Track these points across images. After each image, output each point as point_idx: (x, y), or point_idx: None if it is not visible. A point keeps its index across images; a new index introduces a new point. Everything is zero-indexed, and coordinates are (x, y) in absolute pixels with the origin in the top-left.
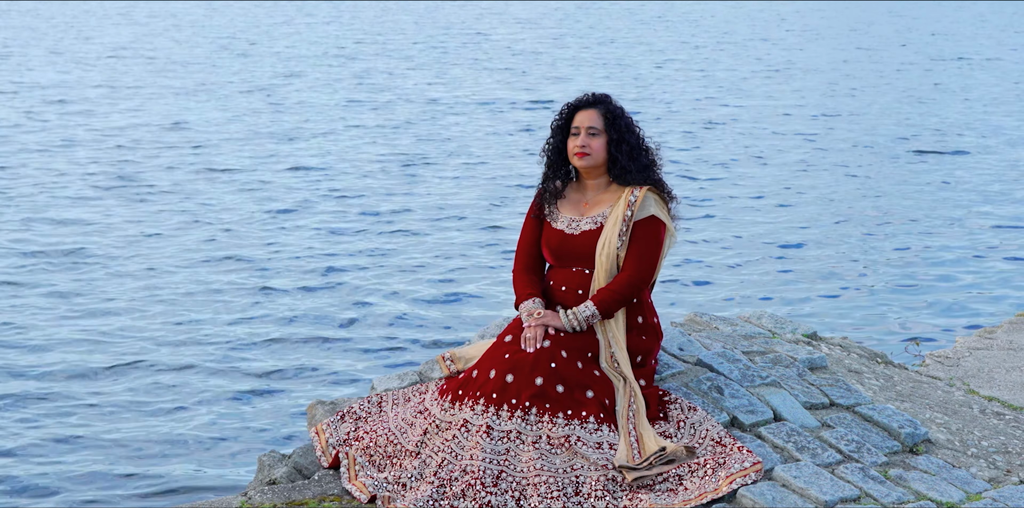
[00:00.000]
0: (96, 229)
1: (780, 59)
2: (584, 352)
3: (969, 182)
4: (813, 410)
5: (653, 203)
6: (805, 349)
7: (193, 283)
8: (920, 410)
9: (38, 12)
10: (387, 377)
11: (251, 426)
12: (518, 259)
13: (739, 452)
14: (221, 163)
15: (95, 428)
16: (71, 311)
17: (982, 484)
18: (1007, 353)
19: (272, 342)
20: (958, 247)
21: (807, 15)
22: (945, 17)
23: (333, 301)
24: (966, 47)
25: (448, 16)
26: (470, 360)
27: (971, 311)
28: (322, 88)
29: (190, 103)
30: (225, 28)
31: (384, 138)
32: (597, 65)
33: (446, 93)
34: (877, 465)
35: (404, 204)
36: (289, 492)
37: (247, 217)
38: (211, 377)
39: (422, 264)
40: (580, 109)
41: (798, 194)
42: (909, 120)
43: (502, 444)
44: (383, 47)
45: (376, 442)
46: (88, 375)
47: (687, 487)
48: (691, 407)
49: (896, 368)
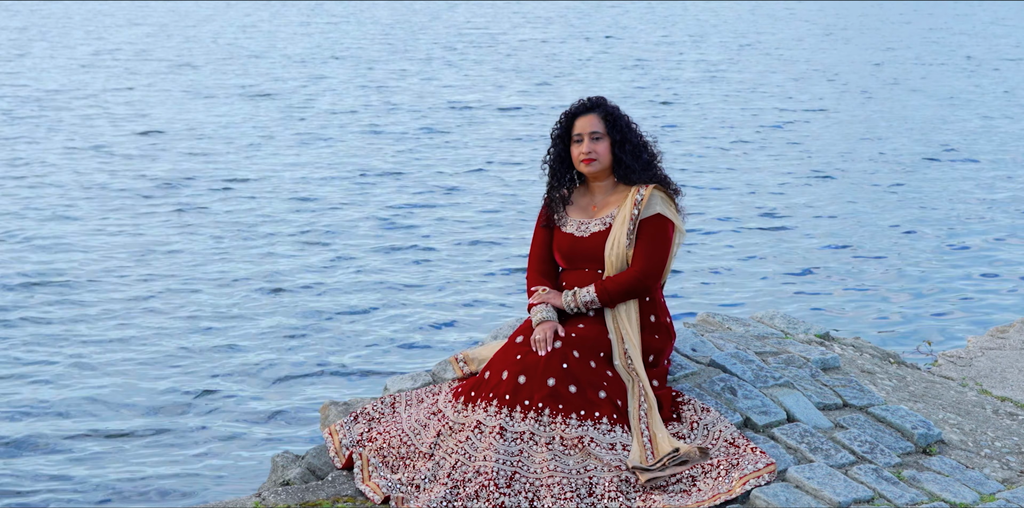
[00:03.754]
0: (99, 231)
1: (812, 61)
2: (596, 352)
3: (989, 185)
4: (826, 411)
5: (659, 201)
6: (818, 349)
7: (204, 282)
8: (933, 411)
9: (49, 11)
10: (400, 378)
11: (265, 426)
12: (531, 266)
13: (752, 453)
14: (244, 166)
15: (105, 427)
16: (82, 312)
17: (995, 485)
18: (1020, 353)
19: (286, 343)
20: (973, 246)
21: (840, 15)
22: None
23: (347, 301)
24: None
25: (476, 18)
26: (483, 361)
27: (985, 311)
28: (345, 91)
29: (230, 107)
30: (229, 29)
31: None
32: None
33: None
34: (890, 466)
35: (418, 203)
36: (303, 493)
37: (265, 218)
38: (225, 378)
39: (437, 264)
40: (579, 116)
41: (816, 196)
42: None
43: (515, 445)
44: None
45: (389, 443)
46: (97, 373)
47: (700, 488)
48: (704, 408)
49: (909, 368)
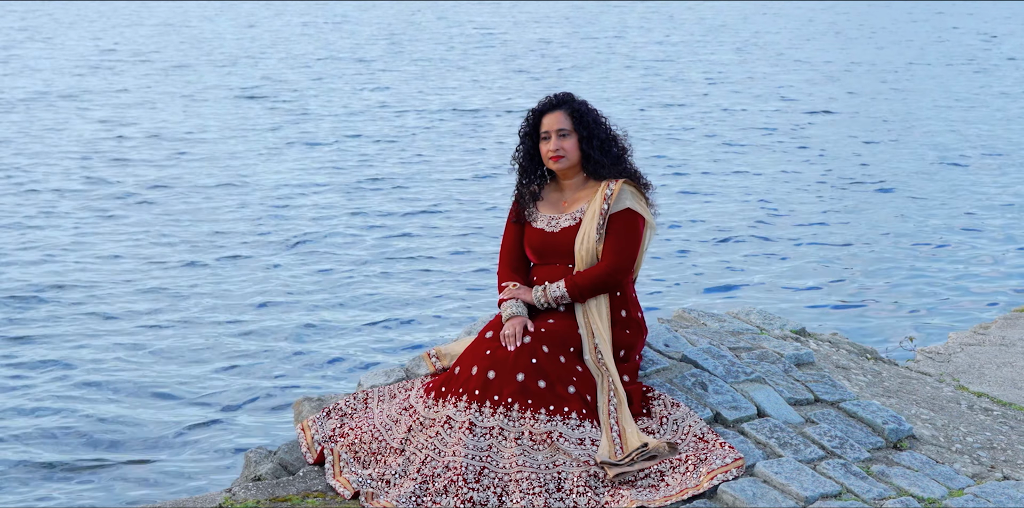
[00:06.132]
0: (100, 233)
1: (833, 61)
2: (566, 347)
3: (983, 182)
4: (797, 406)
5: (629, 196)
6: (792, 345)
7: (184, 278)
8: (906, 406)
9: (46, 11)
10: (374, 373)
11: (238, 422)
12: (502, 262)
13: (721, 448)
14: (247, 169)
15: (79, 421)
16: (69, 308)
17: (965, 480)
18: (999, 349)
19: (259, 338)
20: (959, 243)
21: (863, 15)
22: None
23: (320, 297)
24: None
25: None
26: (455, 357)
27: (969, 307)
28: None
29: (233, 109)
30: (233, 31)
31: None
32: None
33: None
34: (860, 461)
35: (394, 200)
36: (273, 488)
37: (247, 215)
38: (198, 373)
39: (411, 259)
40: (545, 113)
41: (804, 194)
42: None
43: (484, 440)
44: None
45: (361, 439)
46: (77, 370)
47: (668, 483)
48: (674, 403)
49: (886, 364)
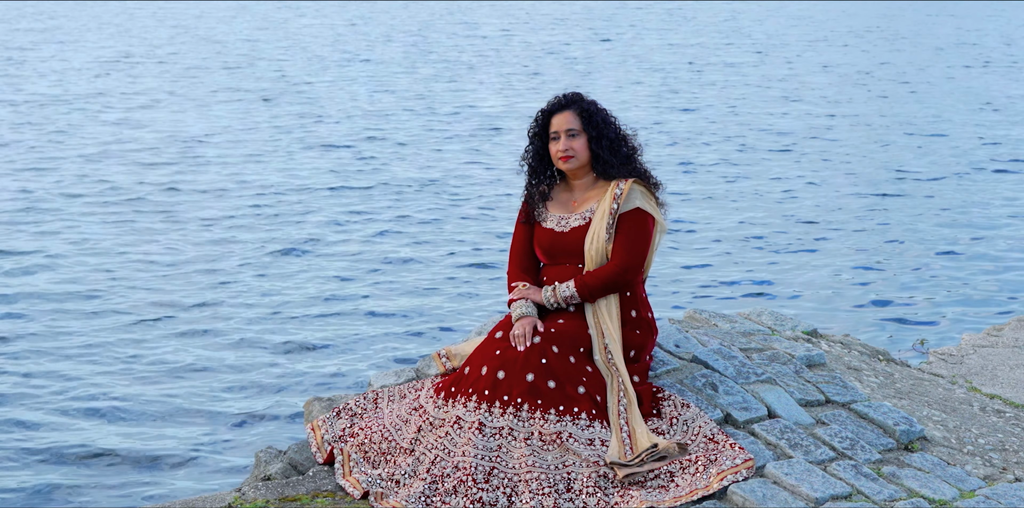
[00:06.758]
0: (102, 237)
1: (854, 64)
2: (576, 347)
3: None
4: (808, 407)
5: (639, 195)
6: (804, 346)
7: (192, 279)
8: (918, 408)
9: (57, 13)
10: (384, 374)
11: (249, 422)
12: (511, 262)
13: (731, 449)
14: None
15: (91, 424)
16: (76, 313)
17: (976, 482)
18: (1012, 351)
19: (270, 338)
20: (976, 246)
21: (874, 17)
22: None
23: (331, 297)
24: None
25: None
26: (465, 357)
27: (982, 309)
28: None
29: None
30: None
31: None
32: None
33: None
34: (870, 462)
35: (408, 199)
36: (283, 488)
37: (250, 217)
38: (210, 374)
39: (422, 260)
40: (555, 113)
41: (820, 195)
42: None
43: (494, 440)
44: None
45: (371, 439)
46: (86, 373)
47: (678, 484)
48: (684, 404)
49: (898, 365)
